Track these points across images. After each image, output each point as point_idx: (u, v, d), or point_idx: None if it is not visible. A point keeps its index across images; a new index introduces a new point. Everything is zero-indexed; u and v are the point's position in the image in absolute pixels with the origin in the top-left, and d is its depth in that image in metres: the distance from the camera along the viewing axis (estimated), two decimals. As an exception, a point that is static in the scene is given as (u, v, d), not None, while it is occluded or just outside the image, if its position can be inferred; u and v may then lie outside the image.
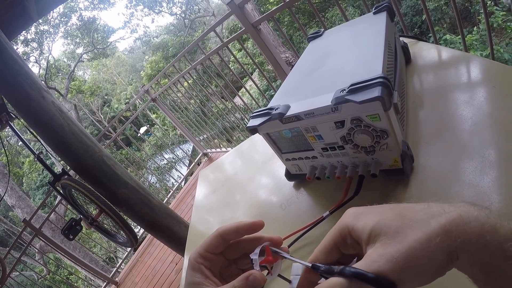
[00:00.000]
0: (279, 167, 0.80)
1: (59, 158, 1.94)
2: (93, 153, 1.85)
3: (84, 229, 2.10)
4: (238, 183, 0.92)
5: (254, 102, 6.98)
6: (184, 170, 4.34)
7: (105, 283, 3.35)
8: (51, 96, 1.80)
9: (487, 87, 0.61)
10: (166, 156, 4.41)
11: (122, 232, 2.07)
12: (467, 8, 6.18)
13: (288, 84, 0.69)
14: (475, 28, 5.17)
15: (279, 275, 0.45)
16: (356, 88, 0.46)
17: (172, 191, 4.03)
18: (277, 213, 0.68)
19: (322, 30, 0.88)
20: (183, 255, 2.28)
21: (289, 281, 0.45)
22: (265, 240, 0.37)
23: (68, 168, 2.05)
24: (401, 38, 0.86)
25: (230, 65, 3.97)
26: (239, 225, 0.36)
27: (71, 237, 2.01)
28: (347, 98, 0.45)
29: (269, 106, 0.59)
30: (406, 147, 0.53)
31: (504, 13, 5.03)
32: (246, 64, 9.75)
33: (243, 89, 8.95)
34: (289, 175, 0.69)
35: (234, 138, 3.56)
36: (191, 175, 4.16)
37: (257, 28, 1.84)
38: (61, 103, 1.87)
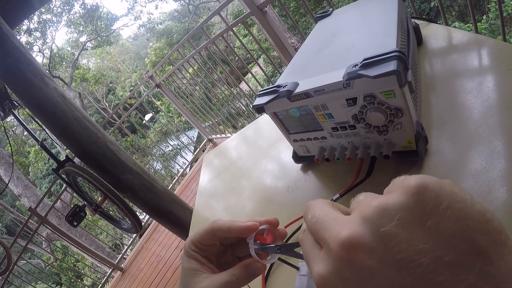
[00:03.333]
0: (286, 150, 0.78)
1: (64, 147, 1.94)
2: (97, 139, 1.84)
3: (89, 216, 2.10)
4: (243, 167, 0.90)
5: (259, 87, 6.93)
6: (189, 157, 4.34)
7: (111, 269, 3.39)
8: (54, 83, 1.79)
9: (502, 69, 0.59)
10: (171, 142, 4.39)
11: (126, 218, 2.07)
12: (476, -5, 6.03)
13: (296, 62, 0.66)
14: (484, 17, 5.05)
15: (286, 262, 0.44)
16: (369, 63, 0.43)
17: (177, 177, 4.04)
18: (284, 197, 0.66)
19: (331, 9, 0.85)
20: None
21: (297, 268, 0.43)
22: (261, 223, 0.36)
23: (73, 155, 2.05)
24: (412, 20, 0.83)
25: (235, 51, 4.02)
26: (232, 226, 0.34)
27: (75, 223, 2.01)
28: (360, 73, 0.43)
29: (276, 84, 0.56)
30: (420, 127, 0.51)
31: None
32: (251, 50, 9.67)
33: (248, 75, 8.89)
34: (296, 157, 0.67)
35: (240, 124, 3.54)
36: (196, 161, 4.16)
37: (263, 11, 1.79)
38: (64, 90, 1.86)
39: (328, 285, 0.19)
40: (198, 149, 4.24)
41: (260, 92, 0.57)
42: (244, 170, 0.88)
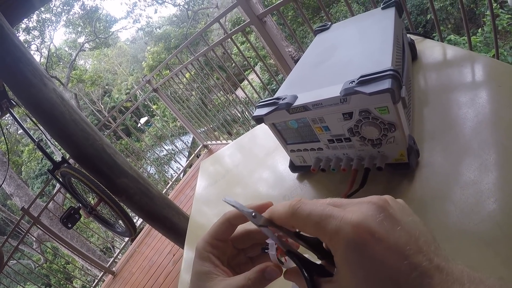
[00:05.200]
0: (282, 159, 0.80)
1: (59, 147, 1.94)
2: (94, 141, 1.84)
3: (82, 218, 2.10)
4: (239, 174, 0.92)
5: (255, 95, 6.96)
6: (184, 162, 4.36)
7: (102, 272, 3.36)
8: (53, 84, 1.79)
9: (492, 86, 0.62)
10: (166, 147, 4.38)
11: (120, 221, 2.07)
12: (472, 9, 6.15)
13: (294, 75, 0.68)
14: (479, 30, 5.15)
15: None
16: (365, 80, 0.45)
17: (171, 182, 4.04)
18: (280, 204, 0.68)
19: (330, 23, 0.88)
20: (181, 246, 2.28)
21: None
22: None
23: (68, 156, 2.05)
24: (408, 35, 0.86)
25: (232, 58, 4.16)
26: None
27: (70, 225, 2.01)
28: (357, 90, 0.45)
29: (275, 96, 0.58)
30: (412, 141, 0.53)
31: (510, 16, 5.01)
32: (248, 57, 9.73)
33: (244, 82, 8.95)
34: (293, 167, 0.69)
35: (235, 131, 3.56)
36: (190, 167, 4.16)
37: (262, 20, 1.83)
38: (62, 91, 1.86)
39: (370, 226, 0.25)
40: (193, 155, 4.24)
41: (260, 104, 0.59)
42: (241, 178, 0.89)
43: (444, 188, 0.49)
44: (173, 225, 2.19)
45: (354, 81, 0.46)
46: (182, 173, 4.14)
